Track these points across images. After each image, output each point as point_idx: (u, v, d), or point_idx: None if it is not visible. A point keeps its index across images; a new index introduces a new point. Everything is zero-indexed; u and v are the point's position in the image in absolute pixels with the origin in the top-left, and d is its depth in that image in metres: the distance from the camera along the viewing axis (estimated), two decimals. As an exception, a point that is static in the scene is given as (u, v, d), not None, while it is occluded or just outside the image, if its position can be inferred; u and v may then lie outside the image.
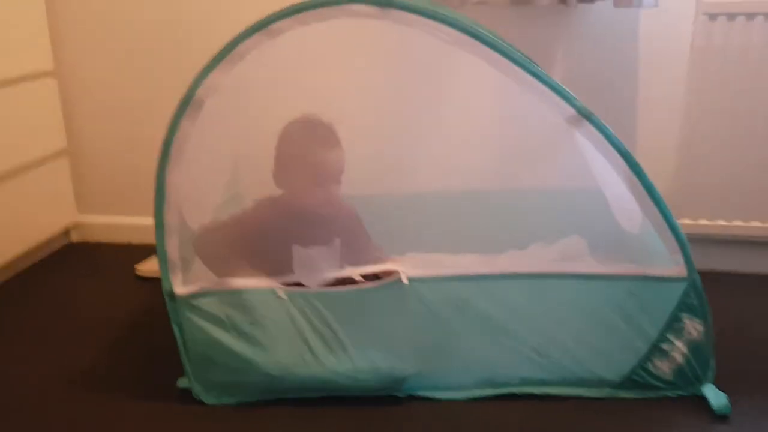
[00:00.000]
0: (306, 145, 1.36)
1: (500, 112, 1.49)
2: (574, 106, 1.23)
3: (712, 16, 1.67)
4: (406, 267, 1.53)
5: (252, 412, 1.30)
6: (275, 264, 1.32)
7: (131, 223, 2.11)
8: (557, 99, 1.23)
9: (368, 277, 1.33)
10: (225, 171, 1.54)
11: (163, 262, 1.28)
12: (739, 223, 1.80)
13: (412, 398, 1.32)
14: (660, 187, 1.26)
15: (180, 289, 1.29)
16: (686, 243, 1.27)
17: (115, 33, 2.00)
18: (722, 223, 1.81)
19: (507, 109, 1.44)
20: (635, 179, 1.24)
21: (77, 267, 2.00)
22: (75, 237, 2.17)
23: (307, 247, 1.35)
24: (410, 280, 1.30)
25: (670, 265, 1.28)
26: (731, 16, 1.66)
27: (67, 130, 2.06)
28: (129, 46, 2.00)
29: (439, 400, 1.32)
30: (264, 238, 1.37)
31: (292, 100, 1.36)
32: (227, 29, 1.25)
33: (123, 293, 1.80)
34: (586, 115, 1.23)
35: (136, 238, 2.11)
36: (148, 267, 1.88)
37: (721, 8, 1.66)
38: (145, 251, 1.96)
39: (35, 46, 1.93)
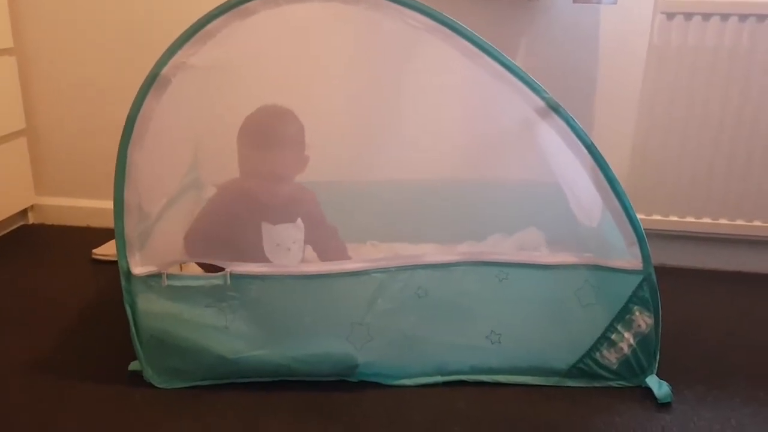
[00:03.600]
0: (242, 136, 1.36)
1: (466, 102, 1.50)
2: (542, 98, 1.25)
3: (670, 15, 1.70)
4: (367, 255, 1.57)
5: (204, 396, 1.30)
6: (233, 246, 1.34)
7: (89, 206, 2.09)
8: (526, 90, 1.25)
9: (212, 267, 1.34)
10: (187, 154, 1.54)
11: (121, 241, 1.27)
12: (691, 219, 1.84)
13: (363, 383, 1.33)
14: (615, 181, 1.29)
15: (137, 269, 1.28)
16: (644, 237, 1.29)
17: (76, 11, 1.97)
18: (675, 218, 1.85)
19: (473, 100, 1.45)
20: (599, 172, 1.27)
21: (33, 249, 1.97)
22: (32, 219, 2.14)
23: (276, 224, 1.38)
24: (374, 270, 1.30)
25: (627, 257, 1.31)
26: (688, 16, 1.70)
27: (25, 110, 2.03)
28: (91, 25, 1.97)
29: (388, 386, 1.33)
30: (228, 218, 1.38)
31: (259, 82, 1.36)
32: (191, 9, 1.24)
33: (79, 276, 1.78)
34: (554, 107, 1.25)
35: (94, 222, 2.09)
36: (105, 250, 1.86)
37: (679, 8, 1.69)
38: (103, 235, 1.94)
39: (-6, 23, 1.89)
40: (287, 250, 1.39)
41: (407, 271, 1.32)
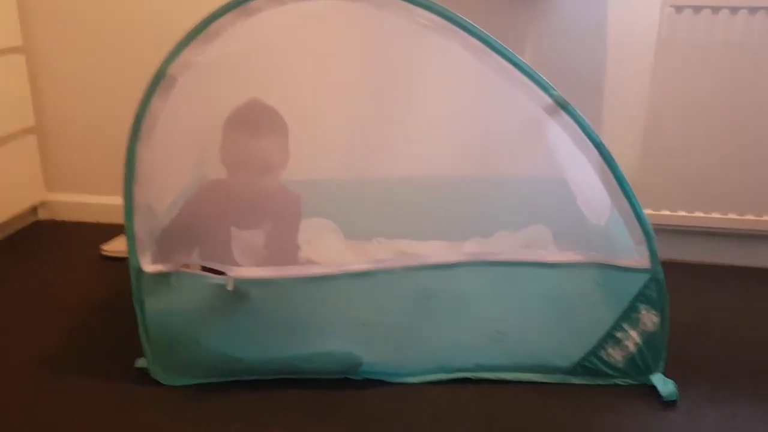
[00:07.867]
0: (231, 129, 1.36)
1: (473, 100, 1.49)
2: (550, 95, 1.23)
3: (678, 9, 1.68)
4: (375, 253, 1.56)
5: (209, 393, 1.31)
6: (218, 248, 1.34)
7: (99, 202, 2.10)
8: (534, 88, 1.24)
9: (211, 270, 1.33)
10: (194, 152, 1.54)
11: (131, 238, 1.27)
12: (700, 214, 1.83)
13: (368, 381, 1.34)
14: (624, 177, 1.28)
15: (148, 267, 1.28)
16: (652, 235, 1.28)
17: (84, 9, 1.98)
18: (683, 213, 1.84)
19: (480, 97, 1.44)
20: (607, 170, 1.26)
21: (43, 245, 1.99)
22: (42, 215, 2.16)
23: (243, 230, 1.37)
24: (377, 271, 1.30)
25: (635, 256, 1.30)
26: (697, 9, 1.67)
27: (34, 108, 2.04)
28: (99, 22, 1.98)
29: (393, 384, 1.33)
30: (206, 221, 1.38)
31: (265, 79, 1.36)
32: (200, 6, 1.24)
33: (88, 273, 1.80)
34: (562, 105, 1.24)
35: (104, 218, 2.10)
36: (114, 247, 1.87)
37: (687, 1, 1.67)
38: (113, 231, 1.95)
39: (3, 21, 1.90)
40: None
41: (413, 271, 1.32)
